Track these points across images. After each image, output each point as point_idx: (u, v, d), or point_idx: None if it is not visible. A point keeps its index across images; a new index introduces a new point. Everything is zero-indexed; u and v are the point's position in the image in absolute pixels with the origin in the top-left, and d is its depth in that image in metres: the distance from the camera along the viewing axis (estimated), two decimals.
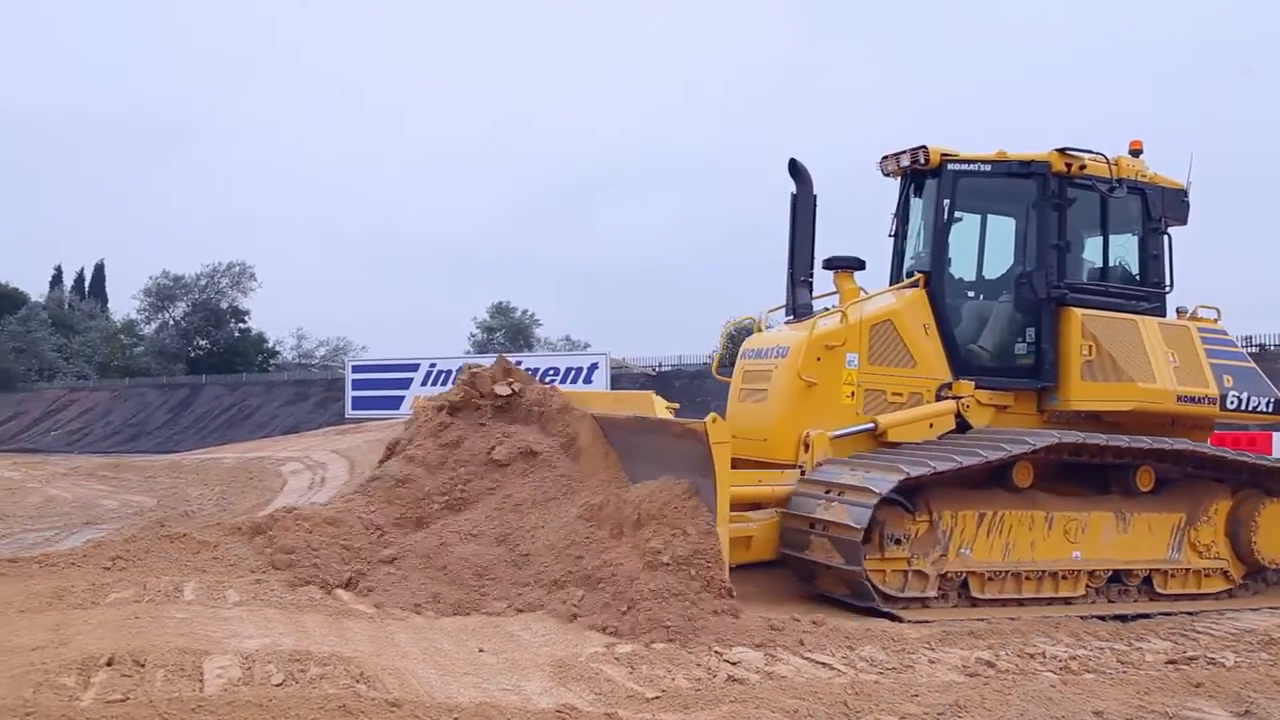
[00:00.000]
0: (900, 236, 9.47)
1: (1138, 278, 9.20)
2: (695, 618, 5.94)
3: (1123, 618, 7.74)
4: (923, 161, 8.80)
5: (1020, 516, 7.85)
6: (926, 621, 7.06)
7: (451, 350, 44.83)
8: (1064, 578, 7.96)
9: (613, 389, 29.53)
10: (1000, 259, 9.39)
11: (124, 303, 70.52)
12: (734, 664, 5.52)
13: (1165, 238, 9.21)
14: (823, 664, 5.68)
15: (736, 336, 10.45)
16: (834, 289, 9.25)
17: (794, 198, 9.03)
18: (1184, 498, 8.56)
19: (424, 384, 32.90)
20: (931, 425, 8.36)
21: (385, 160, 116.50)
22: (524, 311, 56.65)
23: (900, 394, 8.48)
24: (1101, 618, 7.63)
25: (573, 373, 32.63)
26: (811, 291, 9.07)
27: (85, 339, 62.79)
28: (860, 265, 9.14)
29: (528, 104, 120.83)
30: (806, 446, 7.99)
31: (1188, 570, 8.45)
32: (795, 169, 8.99)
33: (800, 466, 7.98)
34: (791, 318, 8.91)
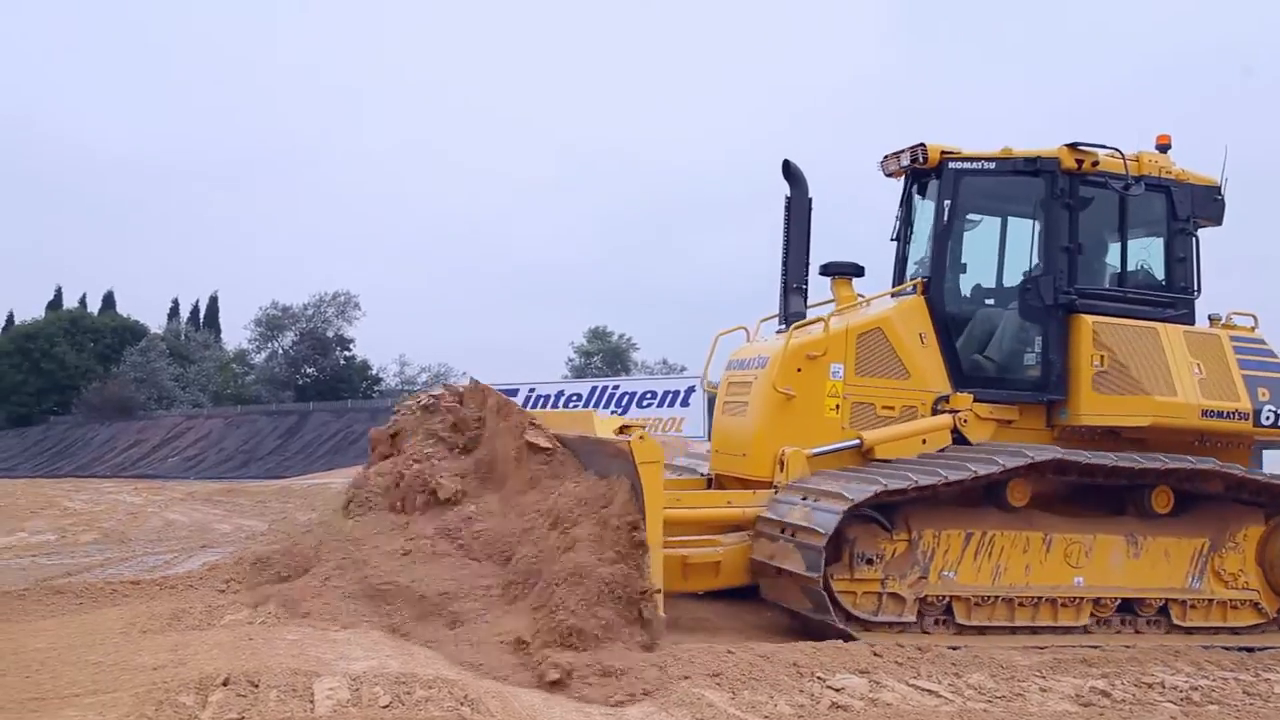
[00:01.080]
0: (903, 240, 8.96)
1: (1163, 282, 8.50)
2: (611, 649, 5.57)
3: (1249, 649, 7.31)
4: (921, 160, 8.31)
5: (1013, 538, 7.27)
6: (1039, 649, 6.80)
7: (550, 375, 45.20)
8: (1064, 605, 7.35)
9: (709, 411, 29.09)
10: (1015, 264, 8.82)
11: (236, 333, 73.84)
12: (837, 690, 5.43)
13: (1194, 239, 8.49)
14: (929, 691, 5.54)
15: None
16: (833, 297, 8.79)
17: (788, 201, 8.63)
18: (1208, 522, 7.83)
19: (524, 408, 33.01)
20: (925, 441, 7.84)
21: (485, 189, 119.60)
22: (621, 336, 57.00)
23: (891, 407, 7.97)
24: (1226, 647, 7.31)
25: (669, 396, 32.34)
26: (806, 299, 8.64)
27: (200, 368, 65.38)
28: (858, 271, 8.67)
29: (624, 131, 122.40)
30: (782, 465, 7.55)
31: (1211, 601, 7.72)
32: (789, 171, 8.60)
33: (775, 486, 7.56)
34: (783, 327, 8.49)
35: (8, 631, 6.20)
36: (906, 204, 8.85)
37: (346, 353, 61.79)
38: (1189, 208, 8.44)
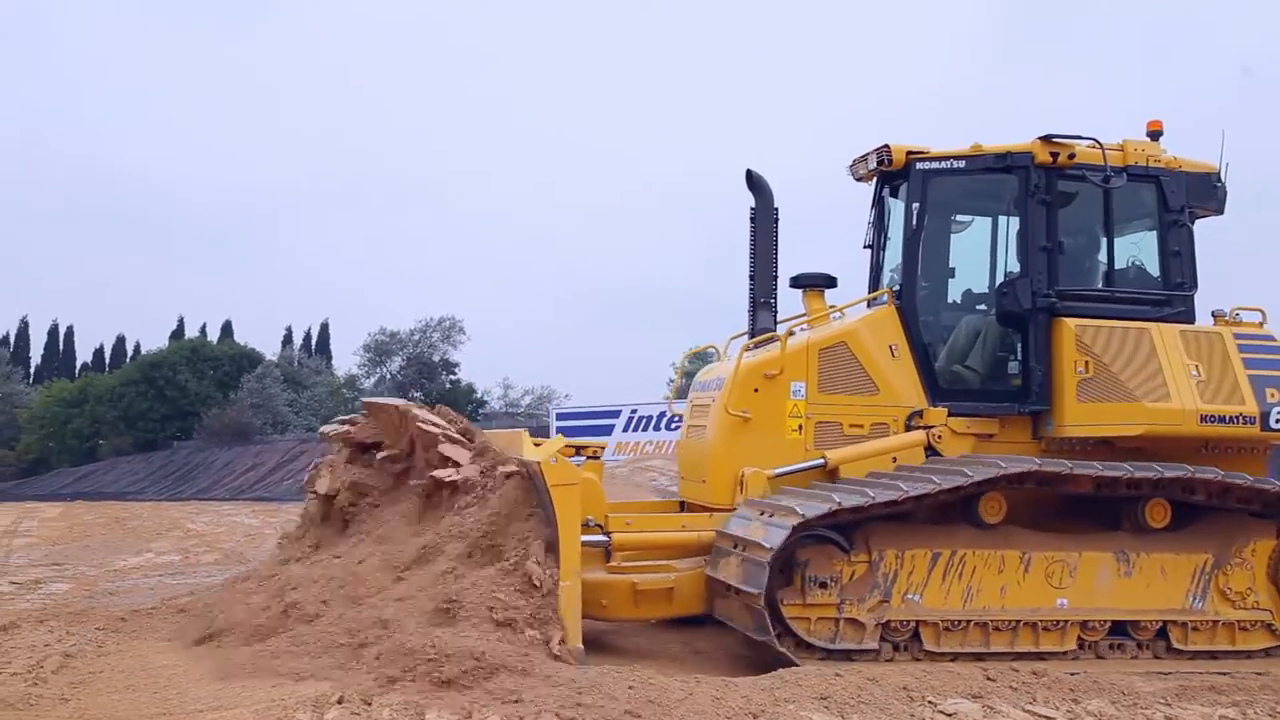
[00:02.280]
0: (877, 248, 8.52)
1: (1158, 278, 7.92)
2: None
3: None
4: (887, 162, 7.90)
5: (986, 557, 6.77)
6: (1162, 674, 6.56)
7: (652, 396, 45.45)
8: (1045, 629, 6.80)
9: None
10: (1006, 267, 8.32)
11: (346, 359, 76.31)
12: (949, 715, 5.34)
13: (1189, 231, 7.90)
14: (1046, 717, 5.42)
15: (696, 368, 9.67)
16: (805, 310, 8.38)
17: (753, 211, 8.28)
18: (1210, 536, 7.21)
19: (625, 430, 33.12)
20: (896, 459, 7.36)
21: (587, 211, 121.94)
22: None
23: (860, 425, 7.52)
24: None
25: None
26: (775, 314, 8.25)
27: (313, 394, 67.15)
28: (830, 283, 8.25)
29: (721, 152, 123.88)
30: (742, 486, 7.17)
31: (1215, 623, 7.08)
32: (752, 180, 8.25)
33: (735, 509, 7.17)
34: (752, 346, 8.09)
35: (137, 649, 6.38)
36: (878, 209, 8.43)
37: (452, 376, 63.16)
38: (1183, 197, 7.86)
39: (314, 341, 79.59)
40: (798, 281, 8.28)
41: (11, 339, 76.28)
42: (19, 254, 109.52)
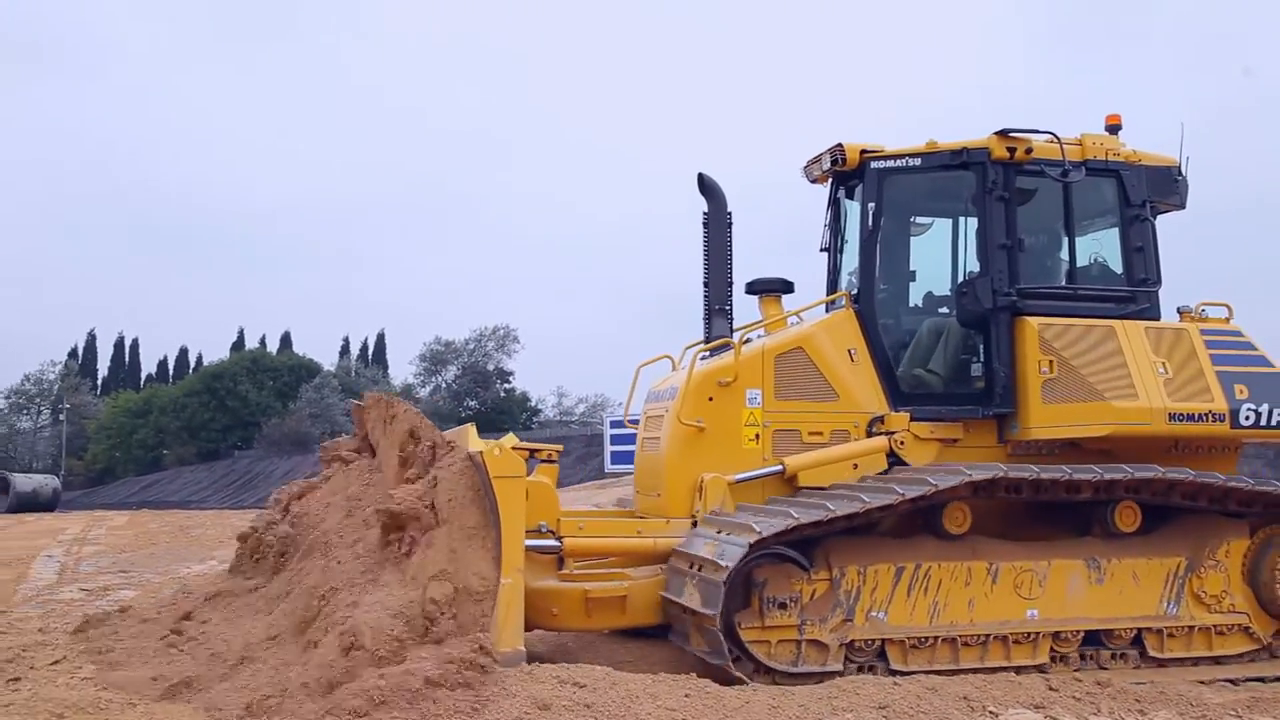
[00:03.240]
0: (834, 251, 8.27)
1: (1121, 275, 7.70)
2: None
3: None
4: (841, 161, 7.65)
5: (953, 569, 6.51)
6: (1229, 683, 6.51)
7: None
8: (1017, 642, 6.54)
9: None
10: (967, 268, 8.07)
11: (402, 368, 76.92)
12: None
13: (1151, 226, 7.69)
14: None
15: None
16: (761, 317, 8.10)
17: (705, 217, 8.01)
18: (1182, 539, 6.99)
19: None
20: (856, 466, 7.10)
21: (639, 220, 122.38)
22: None
23: (819, 433, 7.25)
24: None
25: None
26: (731, 321, 7.98)
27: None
28: (787, 288, 7.99)
29: (761, 162, 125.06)
30: (701, 492, 6.88)
31: (1191, 628, 6.84)
32: (703, 184, 7.98)
33: (694, 519, 6.89)
34: (706, 354, 7.82)
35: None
36: (834, 210, 8.18)
37: (506, 385, 63.63)
38: (1144, 191, 7.65)
39: (370, 351, 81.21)
40: (753, 287, 8.02)
41: (80, 352, 77.24)
42: (87, 270, 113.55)
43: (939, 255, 8.22)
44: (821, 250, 8.31)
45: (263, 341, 77.42)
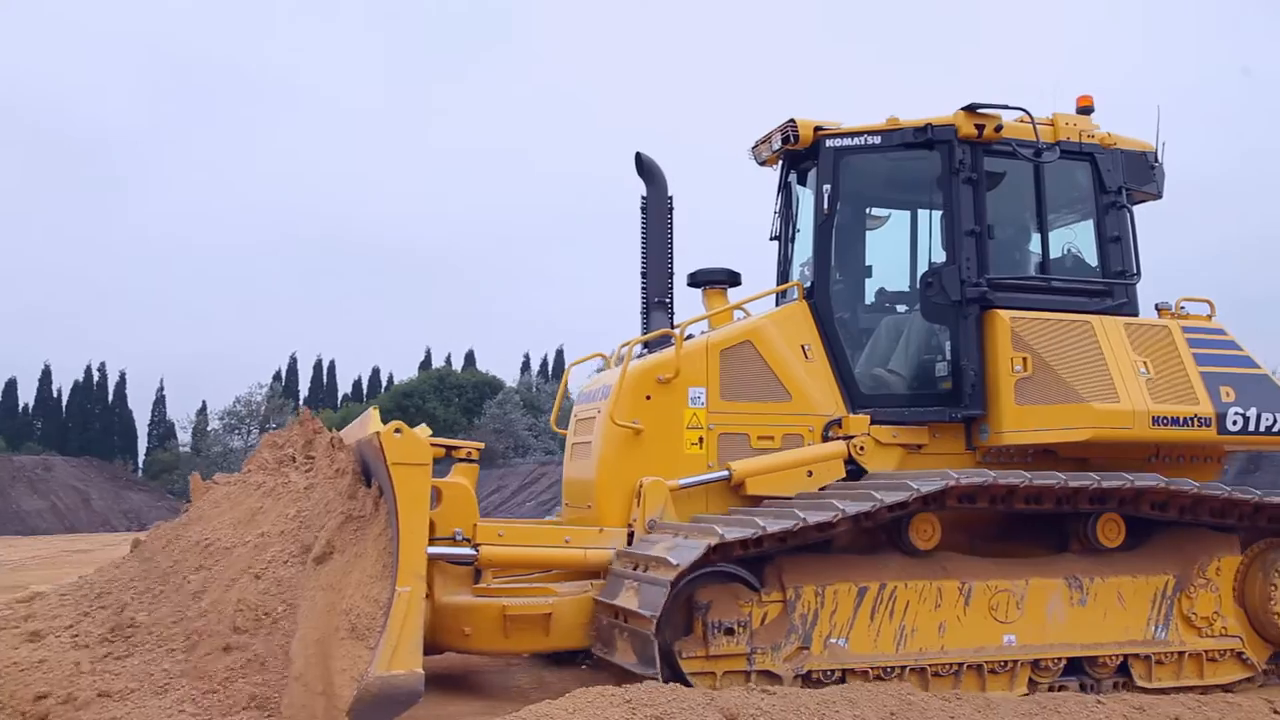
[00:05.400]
0: (785, 239, 7.54)
1: (1096, 268, 7.07)
2: None
3: None
4: (793, 140, 6.93)
5: (921, 590, 5.75)
6: None
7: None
8: (993, 672, 5.79)
9: None
10: (927, 261, 7.38)
11: (581, 382, 78.06)
12: None
13: (1129, 214, 7.08)
14: None
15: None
16: (705, 311, 7.30)
17: (644, 201, 7.24)
18: (1170, 554, 6.32)
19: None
20: (811, 474, 6.33)
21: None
22: None
23: (770, 437, 6.47)
24: None
25: None
26: (672, 315, 7.20)
27: (550, 418, 66.41)
28: (733, 280, 7.22)
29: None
30: (639, 498, 6.05)
31: (1181, 654, 6.16)
32: (642, 165, 7.22)
33: (631, 528, 6.07)
34: (644, 350, 7.02)
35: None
36: (785, 195, 7.46)
37: None
38: (1120, 176, 7.04)
39: (550, 367, 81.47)
40: (696, 279, 7.25)
41: (283, 374, 79.43)
42: (288, 297, 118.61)
43: (894, 251, 7.55)
44: (771, 239, 7.58)
45: (448, 360, 78.85)
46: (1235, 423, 6.53)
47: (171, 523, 5.76)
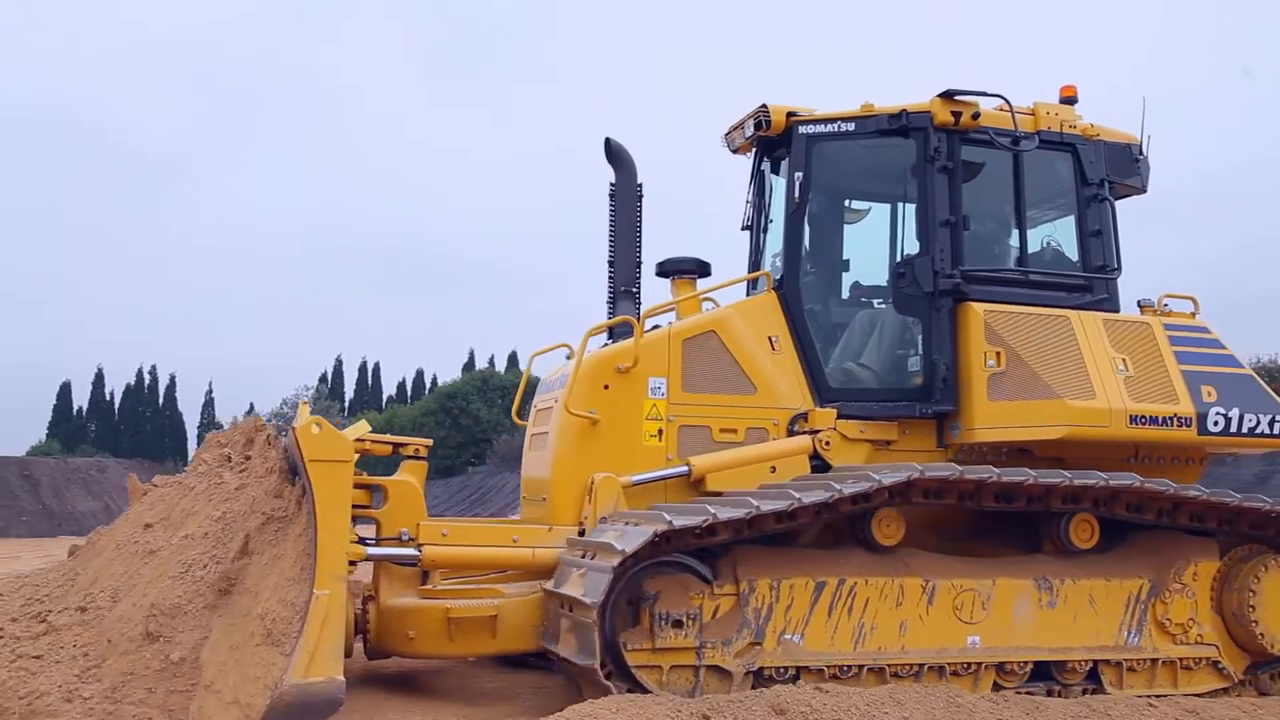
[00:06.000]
0: (758, 229, 7.35)
1: (1077, 262, 6.86)
2: None
3: None
4: (765, 126, 6.75)
5: (883, 587, 5.53)
6: None
7: None
8: (955, 674, 5.57)
9: None
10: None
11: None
12: None
13: (1110, 207, 6.87)
14: None
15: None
16: (673, 302, 7.09)
17: (612, 188, 7.05)
18: (1145, 558, 6.09)
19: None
20: (775, 469, 6.12)
21: None
22: None
23: (733, 430, 6.27)
24: None
25: None
26: (639, 305, 7.00)
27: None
28: (703, 270, 7.02)
29: None
30: (591, 494, 5.84)
31: (1155, 661, 5.92)
32: (611, 151, 7.03)
33: (582, 526, 5.85)
34: (609, 340, 6.83)
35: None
36: (758, 184, 7.28)
37: None
38: (1102, 169, 6.84)
39: None
40: (664, 268, 7.06)
41: (329, 376, 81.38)
42: (333, 300, 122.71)
43: (874, 246, 7.35)
44: (743, 229, 7.40)
45: (491, 361, 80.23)
46: (1217, 423, 6.30)
47: (108, 526, 5.58)
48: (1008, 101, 6.53)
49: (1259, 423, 6.39)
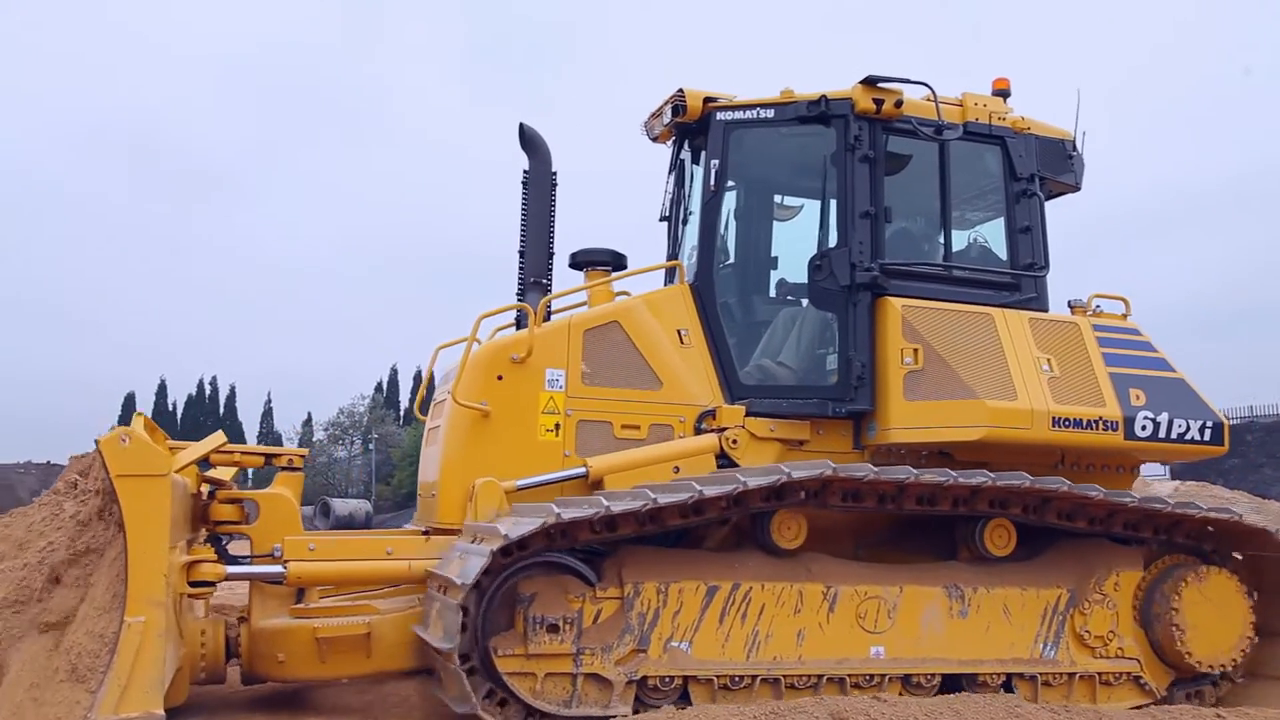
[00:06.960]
0: (676, 220, 7.06)
1: (1004, 260, 6.58)
2: None
3: None
4: (682, 112, 6.47)
5: (780, 592, 5.22)
6: None
7: None
8: (857, 686, 5.25)
9: None
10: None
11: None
12: None
13: (1039, 203, 6.60)
14: None
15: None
16: (587, 294, 6.80)
17: (525, 175, 6.75)
18: (1065, 566, 5.80)
19: None
20: (678, 469, 5.80)
21: None
22: None
23: (636, 427, 5.94)
24: None
25: None
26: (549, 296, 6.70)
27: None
28: (618, 262, 6.71)
29: None
30: (472, 500, 5.50)
31: (1073, 676, 5.61)
32: (524, 137, 6.74)
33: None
34: (513, 327, 6.52)
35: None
36: (678, 173, 6.99)
37: None
38: (1032, 163, 6.57)
39: None
40: (577, 259, 6.75)
41: (384, 385, 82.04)
42: (389, 312, 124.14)
43: (805, 244, 7.05)
44: (661, 219, 7.11)
45: None
46: (1145, 428, 6.02)
47: None
48: (932, 90, 6.27)
49: (1189, 428, 6.11)
